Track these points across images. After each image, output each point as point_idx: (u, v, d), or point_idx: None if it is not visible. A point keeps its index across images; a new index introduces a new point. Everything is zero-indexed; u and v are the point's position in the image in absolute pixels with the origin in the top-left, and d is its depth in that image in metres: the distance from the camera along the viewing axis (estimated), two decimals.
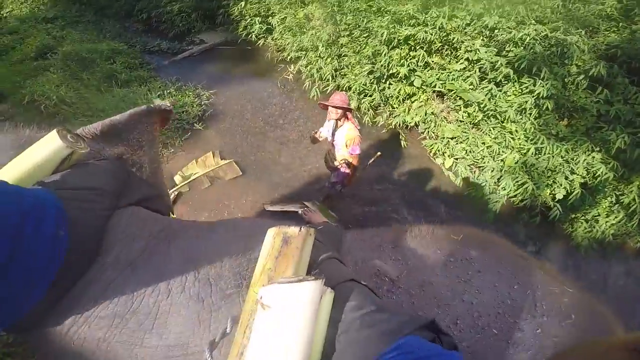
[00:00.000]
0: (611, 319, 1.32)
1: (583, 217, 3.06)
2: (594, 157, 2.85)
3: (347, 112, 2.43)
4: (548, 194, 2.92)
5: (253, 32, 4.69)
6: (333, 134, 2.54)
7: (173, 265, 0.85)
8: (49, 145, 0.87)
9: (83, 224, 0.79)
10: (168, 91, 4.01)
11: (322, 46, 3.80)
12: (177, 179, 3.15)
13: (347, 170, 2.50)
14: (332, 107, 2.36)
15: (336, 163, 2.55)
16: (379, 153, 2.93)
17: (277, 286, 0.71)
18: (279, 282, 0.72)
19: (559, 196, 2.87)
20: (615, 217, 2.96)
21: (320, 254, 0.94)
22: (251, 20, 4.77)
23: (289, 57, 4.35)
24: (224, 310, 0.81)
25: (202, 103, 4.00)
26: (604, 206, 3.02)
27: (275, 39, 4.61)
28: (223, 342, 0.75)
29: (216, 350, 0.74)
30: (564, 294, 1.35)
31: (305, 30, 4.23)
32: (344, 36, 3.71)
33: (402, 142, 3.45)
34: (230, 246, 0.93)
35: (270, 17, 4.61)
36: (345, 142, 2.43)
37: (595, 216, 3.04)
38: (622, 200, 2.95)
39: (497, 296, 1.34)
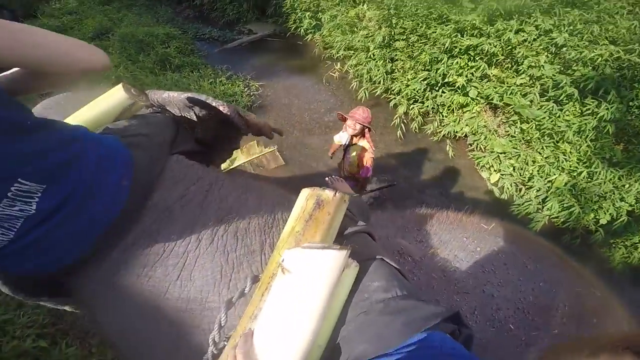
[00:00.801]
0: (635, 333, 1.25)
1: (622, 243, 3.01)
2: None
3: (366, 130, 2.33)
4: (592, 218, 2.88)
5: (302, 26, 4.73)
6: (346, 150, 2.46)
7: (206, 215, 0.84)
8: (114, 96, 0.95)
9: (144, 170, 0.81)
10: (219, 79, 4.13)
11: (375, 48, 3.80)
12: (223, 165, 3.27)
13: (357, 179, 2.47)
14: (353, 121, 2.26)
15: (345, 174, 2.50)
16: (394, 183, 2.84)
17: (301, 251, 0.68)
18: (303, 246, 0.69)
19: (603, 221, 2.82)
20: None
21: (350, 225, 0.90)
22: (301, 14, 4.80)
23: (336, 56, 4.38)
24: (245, 268, 0.80)
25: (252, 94, 4.11)
26: None
27: (324, 35, 4.63)
28: (239, 302, 0.73)
29: (232, 309, 0.73)
30: (591, 297, 1.30)
31: (355, 30, 4.23)
32: (399, 40, 3.70)
33: (449, 152, 3.45)
34: (260, 203, 0.93)
35: (320, 13, 4.63)
36: (357, 162, 2.35)
37: (635, 243, 3.00)
38: None
39: (520, 291, 1.30)
